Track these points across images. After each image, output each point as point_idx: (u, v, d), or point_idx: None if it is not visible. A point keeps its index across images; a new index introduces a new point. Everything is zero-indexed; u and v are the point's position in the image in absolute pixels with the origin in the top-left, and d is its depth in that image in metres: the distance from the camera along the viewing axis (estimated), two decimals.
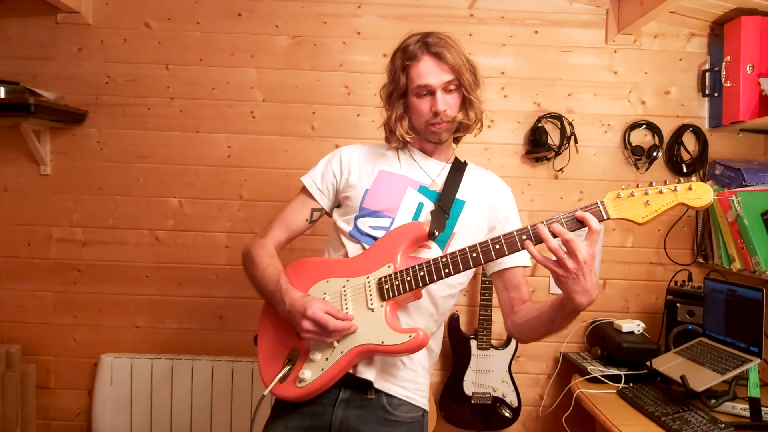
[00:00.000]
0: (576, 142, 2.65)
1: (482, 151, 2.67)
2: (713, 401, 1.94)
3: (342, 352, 1.40)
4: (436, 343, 1.61)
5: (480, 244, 1.35)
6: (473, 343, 2.52)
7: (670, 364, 2.14)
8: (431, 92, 1.48)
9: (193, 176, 2.66)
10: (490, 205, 1.57)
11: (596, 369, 2.33)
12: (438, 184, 1.56)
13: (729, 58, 2.47)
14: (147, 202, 2.66)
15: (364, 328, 1.40)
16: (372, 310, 1.41)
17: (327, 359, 1.41)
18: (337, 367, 1.39)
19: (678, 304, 2.42)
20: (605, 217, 1.25)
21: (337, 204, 1.64)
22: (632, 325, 2.42)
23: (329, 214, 1.67)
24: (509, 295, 1.55)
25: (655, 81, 2.67)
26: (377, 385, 1.46)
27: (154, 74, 2.65)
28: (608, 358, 2.42)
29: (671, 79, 2.67)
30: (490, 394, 2.51)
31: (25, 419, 2.57)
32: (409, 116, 1.55)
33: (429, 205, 1.52)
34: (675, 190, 1.22)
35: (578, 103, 2.67)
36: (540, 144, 2.60)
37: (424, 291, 1.46)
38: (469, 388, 2.51)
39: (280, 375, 1.42)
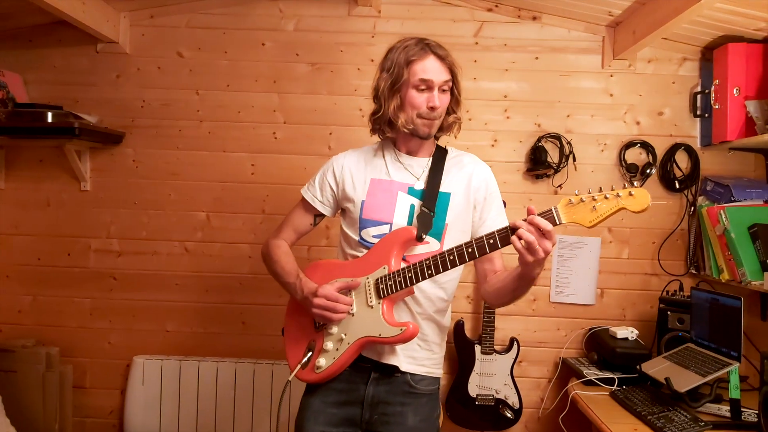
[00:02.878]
0: (574, 160, 2.82)
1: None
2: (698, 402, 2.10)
3: (348, 343, 1.63)
4: (445, 320, 1.79)
5: (456, 247, 1.53)
6: (477, 348, 2.70)
7: (658, 367, 2.30)
8: (430, 88, 1.60)
9: (220, 192, 2.88)
10: (470, 190, 1.70)
11: (591, 372, 2.50)
12: (422, 182, 1.72)
13: (717, 81, 2.62)
14: (177, 216, 2.89)
15: (366, 323, 1.62)
16: (371, 307, 1.62)
17: (338, 349, 1.65)
18: (345, 355, 1.63)
19: (669, 313, 2.57)
20: (557, 222, 1.39)
21: (341, 209, 1.82)
22: (626, 332, 2.58)
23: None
24: (483, 266, 1.73)
25: (649, 102, 2.83)
26: (403, 368, 1.68)
27: (186, 99, 2.88)
28: (604, 363, 2.58)
29: (664, 101, 2.83)
30: (493, 396, 2.68)
31: (63, 416, 2.78)
32: (397, 116, 1.65)
33: (418, 205, 1.69)
34: (618, 196, 1.33)
35: (576, 123, 2.84)
36: (540, 162, 2.77)
37: (418, 287, 1.65)
38: (473, 390, 2.68)
39: (302, 362, 1.66)
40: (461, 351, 2.72)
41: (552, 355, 2.86)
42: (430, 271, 1.56)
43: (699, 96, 2.78)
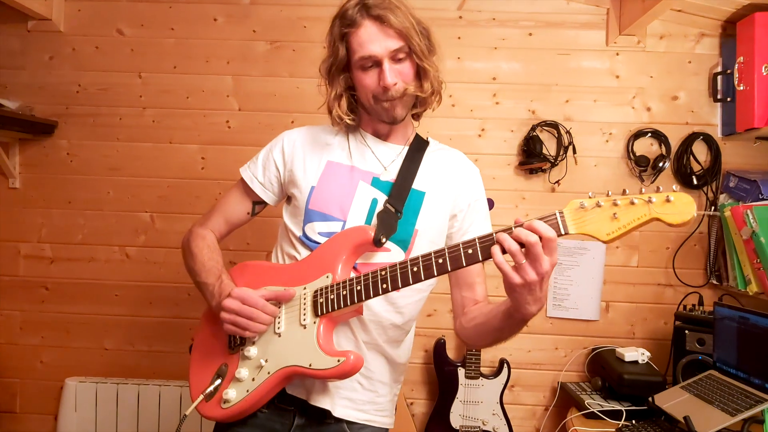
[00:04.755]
0: (574, 152, 2.45)
1: (472, 161, 2.46)
2: None
3: (269, 373, 1.25)
4: (401, 353, 1.42)
5: (422, 256, 1.15)
6: (461, 372, 2.31)
7: (674, 401, 1.91)
8: (377, 63, 1.26)
9: (166, 189, 2.53)
10: (451, 193, 1.37)
11: (595, 403, 2.10)
12: (391, 172, 1.36)
13: (742, 59, 2.26)
14: (117, 217, 2.54)
15: (294, 347, 1.24)
16: (304, 327, 1.24)
17: (253, 379, 1.27)
18: (263, 389, 1.25)
19: (687, 331, 2.18)
20: (563, 232, 1.04)
21: (286, 197, 1.46)
22: (636, 354, 2.19)
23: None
24: (461, 293, 1.38)
25: (661, 85, 2.46)
26: (336, 413, 1.30)
27: (127, 83, 2.53)
28: (609, 391, 2.19)
29: (679, 84, 2.46)
30: (479, 428, 2.29)
31: None
32: (356, 93, 1.35)
33: (382, 200, 1.33)
34: (649, 201, 0.98)
35: (577, 109, 2.47)
36: (535, 154, 2.40)
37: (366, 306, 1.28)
38: (456, 420, 2.30)
39: (206, 392, 1.28)
40: (442, 375, 2.34)
41: (549, 379, 2.47)
42: (385, 285, 1.18)
43: (720, 77, 2.41)
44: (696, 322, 2.19)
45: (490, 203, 2.36)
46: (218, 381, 1.29)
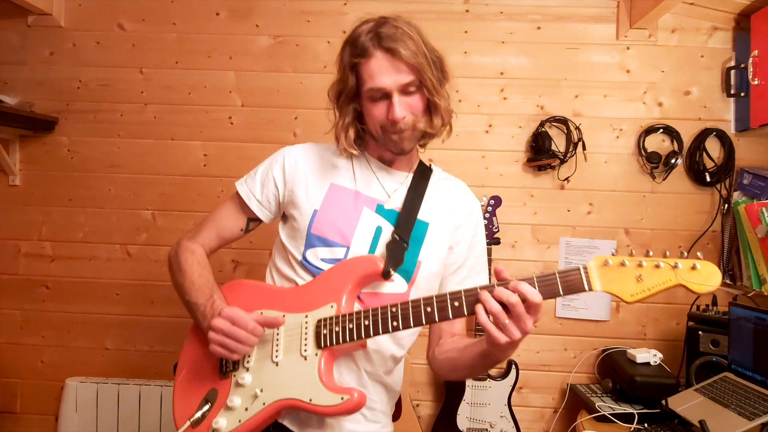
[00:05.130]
0: (584, 148, 2.38)
1: (479, 158, 2.43)
2: None
3: (264, 404, 1.18)
4: (397, 381, 1.38)
5: (437, 297, 1.11)
6: None
7: (689, 404, 1.85)
8: (387, 95, 1.22)
9: (168, 187, 2.48)
10: (452, 225, 1.34)
11: (606, 406, 2.04)
12: (396, 201, 1.32)
13: (757, 52, 2.20)
14: (118, 215, 2.50)
15: (293, 379, 1.17)
16: (305, 358, 1.18)
17: (246, 409, 1.19)
18: (256, 420, 1.18)
19: (700, 332, 2.12)
20: (586, 288, 1.01)
21: (283, 216, 1.40)
22: (648, 356, 2.13)
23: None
24: (440, 324, 1.35)
25: (673, 80, 2.40)
26: None
27: (128, 78, 2.49)
28: (620, 393, 2.13)
29: (691, 78, 2.40)
30: (487, 430, 2.24)
31: None
32: (364, 121, 1.30)
33: (388, 230, 1.28)
34: (675, 267, 0.97)
35: (586, 105, 2.41)
36: (543, 151, 2.35)
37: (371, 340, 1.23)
38: (463, 423, 2.24)
39: (193, 418, 1.20)
40: None
41: (558, 381, 2.41)
42: (395, 323, 1.13)
43: (733, 71, 2.36)
44: (710, 322, 2.13)
45: (498, 201, 2.31)
46: (206, 407, 1.21)
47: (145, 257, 2.49)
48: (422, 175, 1.37)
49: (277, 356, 1.21)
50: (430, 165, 1.42)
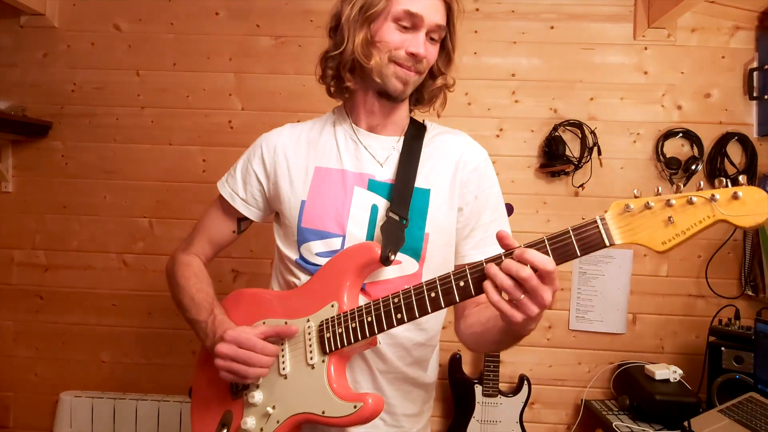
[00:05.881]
0: (599, 153, 2.29)
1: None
2: None
3: (278, 422, 1.10)
4: (429, 373, 1.27)
5: (440, 278, 0.99)
6: (478, 389, 2.16)
7: (713, 426, 1.75)
8: (415, 27, 1.12)
9: (165, 193, 2.39)
10: (456, 183, 1.20)
11: (623, 426, 1.95)
12: (388, 170, 1.19)
13: None
14: (114, 222, 2.41)
15: (304, 391, 1.09)
16: (312, 367, 1.09)
17: (261, 429, 1.11)
18: None
19: (723, 348, 2.02)
20: (607, 243, 0.86)
21: (275, 212, 1.29)
22: (667, 372, 2.03)
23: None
24: None
25: (692, 82, 2.30)
26: None
27: (124, 81, 2.40)
28: (638, 411, 2.03)
29: (712, 80, 2.30)
30: None
31: None
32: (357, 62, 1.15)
33: (383, 206, 1.17)
34: (712, 198, 0.80)
35: (602, 108, 2.31)
36: (557, 156, 2.25)
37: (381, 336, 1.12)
38: None
39: None
40: (458, 392, 2.19)
41: (572, 396, 2.32)
42: (399, 315, 1.02)
43: (756, 73, 2.26)
44: (733, 338, 2.04)
45: (509, 209, 2.20)
46: (224, 431, 1.14)
47: (142, 266, 2.40)
48: (415, 134, 1.24)
49: (284, 369, 1.12)
50: (423, 121, 1.29)
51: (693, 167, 2.23)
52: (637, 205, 0.84)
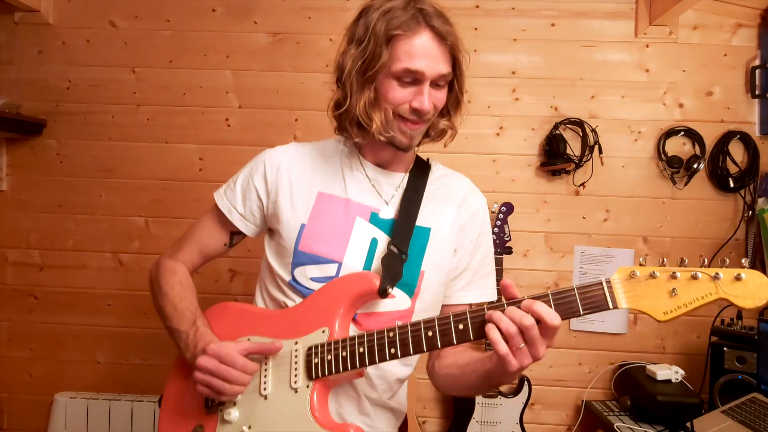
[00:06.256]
0: (600, 152, 2.27)
1: (490, 162, 2.31)
2: None
3: None
4: (402, 402, 1.28)
5: (439, 320, 0.98)
6: None
7: (716, 427, 1.73)
8: (417, 81, 1.08)
9: (161, 192, 2.37)
10: (456, 226, 1.21)
11: (625, 427, 1.93)
12: (392, 208, 1.19)
13: None
14: (110, 222, 2.38)
15: (283, 414, 1.06)
16: (295, 391, 1.06)
17: None
18: None
19: (725, 348, 2.00)
20: (611, 306, 0.88)
21: (269, 230, 1.27)
22: (669, 372, 2.00)
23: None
24: None
25: (694, 80, 2.29)
26: None
27: (120, 78, 2.37)
28: (639, 411, 2.01)
29: (714, 78, 2.28)
30: None
31: None
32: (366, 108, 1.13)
33: (384, 241, 1.15)
34: (716, 277, 0.84)
35: (603, 106, 2.29)
36: (558, 154, 2.23)
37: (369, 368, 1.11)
38: None
39: None
40: None
41: (572, 397, 2.30)
42: (393, 351, 1.01)
43: (758, 71, 2.25)
44: (735, 338, 2.02)
45: (510, 208, 2.19)
46: None
47: (138, 266, 2.37)
48: (419, 173, 1.23)
49: (265, 389, 1.09)
50: (428, 160, 1.28)
51: (695, 166, 2.22)
52: (643, 273, 0.88)
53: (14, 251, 2.40)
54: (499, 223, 2.17)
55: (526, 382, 2.18)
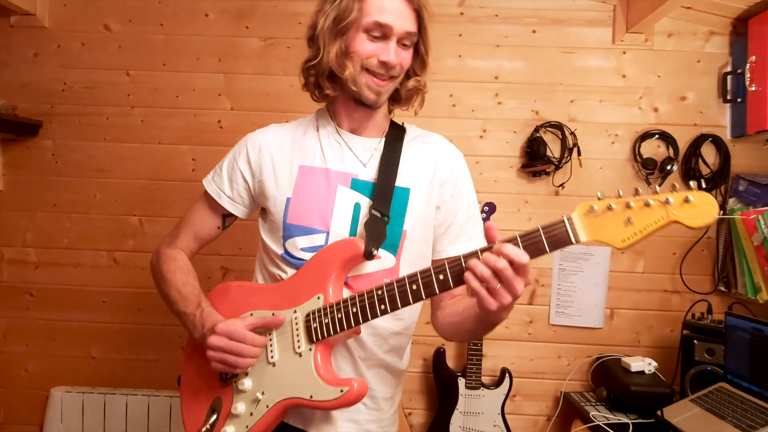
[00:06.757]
0: (579, 154, 2.36)
1: (473, 164, 2.39)
2: None
3: (267, 406, 1.17)
4: (403, 360, 1.36)
5: (421, 273, 1.06)
6: (461, 382, 2.23)
7: (684, 415, 1.83)
8: (386, 36, 1.17)
9: (155, 192, 2.43)
10: (435, 183, 1.28)
11: (600, 416, 2.03)
12: (370, 171, 1.26)
13: (754, 58, 2.18)
14: (104, 221, 2.44)
15: (292, 378, 1.16)
16: (300, 355, 1.16)
17: (251, 414, 1.18)
18: (263, 424, 1.17)
19: (695, 341, 2.10)
20: (573, 241, 0.94)
21: (261, 210, 1.35)
22: (642, 364, 2.11)
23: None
24: None
25: (669, 85, 2.38)
26: None
27: (114, 81, 2.43)
28: (614, 402, 2.11)
29: (688, 84, 2.38)
30: None
31: None
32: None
33: (366, 204, 1.24)
34: (666, 202, 0.88)
35: (582, 110, 2.39)
36: (538, 156, 2.32)
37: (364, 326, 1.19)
38: None
39: (201, 430, 1.19)
40: (442, 385, 2.26)
41: (552, 389, 2.40)
42: (383, 306, 1.09)
43: (730, 77, 2.34)
44: (705, 331, 2.12)
45: (492, 208, 2.28)
46: (214, 417, 1.21)
47: (132, 264, 2.44)
48: (395, 136, 1.31)
49: (272, 357, 1.19)
50: (403, 123, 1.36)
51: (668, 167, 2.31)
52: (600, 206, 0.92)
53: (10, 249, 2.46)
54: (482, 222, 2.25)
55: (507, 374, 2.27)
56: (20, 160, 2.45)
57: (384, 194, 1.22)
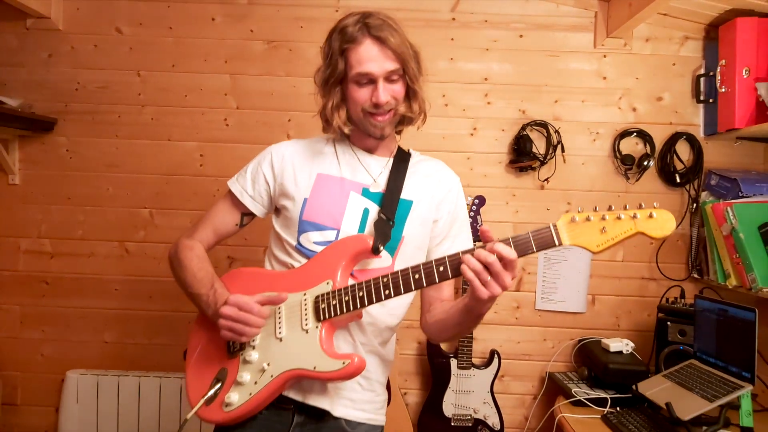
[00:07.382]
0: (563, 150, 2.52)
1: (465, 160, 2.55)
2: (704, 428, 1.80)
3: (272, 376, 1.30)
4: (390, 352, 1.52)
5: (423, 265, 1.24)
6: (453, 362, 2.39)
7: (657, 388, 2.01)
8: (372, 81, 1.33)
9: (165, 186, 2.57)
10: (435, 200, 1.46)
11: (581, 391, 2.19)
12: (380, 184, 1.44)
13: (724, 62, 2.34)
14: (116, 213, 2.58)
15: (297, 351, 1.30)
16: (306, 332, 1.30)
17: (256, 383, 1.31)
18: (266, 392, 1.30)
19: (669, 323, 2.28)
20: (556, 243, 1.14)
21: (275, 209, 1.51)
22: (620, 345, 2.28)
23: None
24: (429, 292, 1.48)
25: (646, 87, 2.55)
26: (335, 413, 1.37)
27: (125, 81, 2.57)
28: (595, 380, 2.28)
29: (664, 85, 2.54)
30: (471, 416, 2.38)
31: None
32: (346, 105, 1.39)
33: (374, 210, 1.40)
34: (634, 217, 1.10)
35: (565, 110, 2.55)
36: (525, 153, 2.48)
37: (365, 310, 1.35)
38: (448, 409, 2.38)
39: (206, 396, 1.30)
40: (435, 365, 2.42)
41: (537, 369, 2.56)
42: (387, 291, 1.25)
43: (703, 79, 2.51)
44: (678, 314, 2.29)
45: (482, 201, 2.44)
46: (218, 385, 1.32)
47: (143, 254, 2.57)
48: (402, 158, 1.48)
49: (280, 333, 1.32)
50: (409, 150, 1.53)
51: (645, 163, 2.48)
52: (580, 217, 1.13)
53: (26, 240, 2.59)
54: (472, 214, 2.42)
55: (496, 356, 2.43)
56: (36, 156, 2.57)
57: (391, 203, 1.39)
